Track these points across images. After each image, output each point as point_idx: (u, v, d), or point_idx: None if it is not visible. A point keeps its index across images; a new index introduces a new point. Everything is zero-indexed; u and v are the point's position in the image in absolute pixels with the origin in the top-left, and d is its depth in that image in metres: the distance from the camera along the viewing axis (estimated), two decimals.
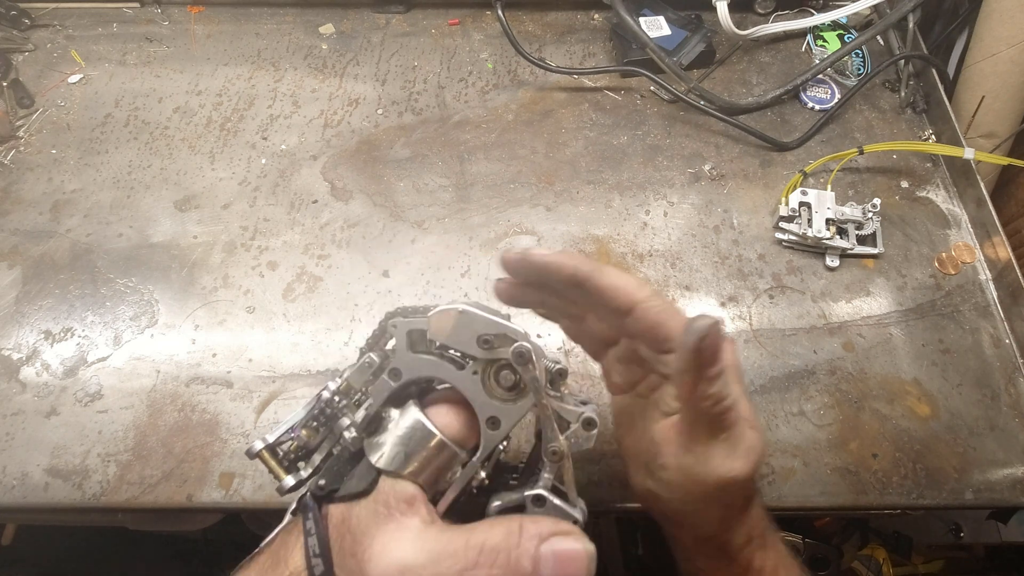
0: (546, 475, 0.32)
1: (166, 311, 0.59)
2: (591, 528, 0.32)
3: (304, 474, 0.34)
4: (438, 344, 0.33)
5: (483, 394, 0.32)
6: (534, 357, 0.31)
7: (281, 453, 0.35)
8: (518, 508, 0.32)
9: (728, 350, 0.34)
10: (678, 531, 0.38)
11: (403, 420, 0.32)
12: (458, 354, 0.33)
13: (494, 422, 0.31)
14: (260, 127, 0.71)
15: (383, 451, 0.31)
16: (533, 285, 0.39)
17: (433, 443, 0.31)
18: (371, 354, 0.34)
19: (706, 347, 0.30)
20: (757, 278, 0.61)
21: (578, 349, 0.57)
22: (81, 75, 0.75)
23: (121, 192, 0.66)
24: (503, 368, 0.31)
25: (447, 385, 0.33)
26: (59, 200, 0.66)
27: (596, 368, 0.56)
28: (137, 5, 0.80)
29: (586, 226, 0.64)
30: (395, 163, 0.68)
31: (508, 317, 0.33)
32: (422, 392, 0.35)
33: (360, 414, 0.33)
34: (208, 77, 0.75)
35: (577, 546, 0.28)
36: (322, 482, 0.32)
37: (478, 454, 0.32)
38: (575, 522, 0.31)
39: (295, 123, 0.71)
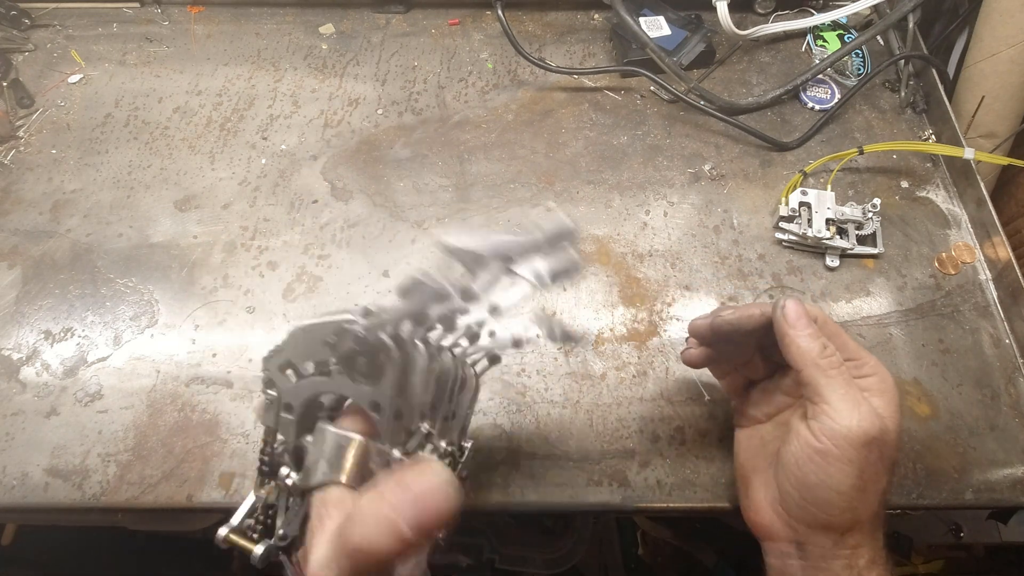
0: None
1: (166, 311, 0.59)
2: (591, 528, 0.32)
3: (281, 531, 0.35)
4: (314, 361, 0.34)
5: (353, 386, 0.33)
6: (364, 334, 0.32)
7: (252, 524, 0.35)
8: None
9: (818, 322, 0.40)
10: (806, 532, 0.39)
11: (317, 439, 0.33)
12: (331, 367, 0.34)
13: (375, 406, 0.32)
14: (260, 127, 0.71)
15: (312, 473, 0.32)
16: (719, 342, 0.46)
17: (345, 444, 0.32)
18: (267, 391, 0.35)
19: (787, 312, 0.39)
20: (757, 278, 0.61)
21: (579, 349, 0.57)
22: (81, 75, 0.75)
23: (121, 192, 0.66)
24: (354, 357, 0.32)
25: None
26: (59, 200, 0.66)
27: (597, 368, 0.56)
28: (137, 5, 0.81)
29: (586, 226, 0.64)
30: (395, 163, 0.68)
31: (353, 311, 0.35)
32: (333, 410, 0.36)
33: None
34: (208, 77, 0.75)
35: (428, 474, 0.29)
36: (281, 532, 0.34)
37: (381, 439, 0.33)
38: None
39: (295, 123, 0.71)
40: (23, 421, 0.54)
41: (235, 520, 0.35)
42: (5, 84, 0.72)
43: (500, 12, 0.71)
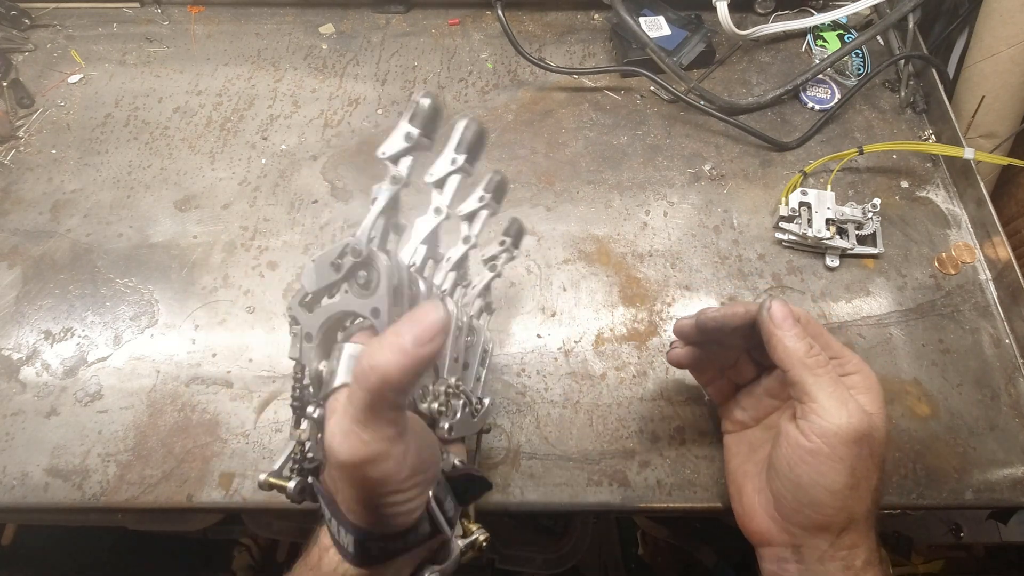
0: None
1: (166, 311, 0.59)
2: (591, 528, 0.32)
3: (311, 455, 0.37)
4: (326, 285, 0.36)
5: (357, 300, 0.34)
6: (362, 242, 0.35)
7: (291, 467, 0.37)
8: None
9: (802, 322, 0.41)
10: (802, 535, 0.39)
11: (333, 358, 0.34)
12: (339, 288, 0.36)
13: (376, 312, 0.34)
14: (260, 127, 0.71)
15: (328, 384, 0.33)
16: (703, 342, 0.47)
17: (353, 351, 0.33)
18: (292, 328, 0.37)
19: (774, 312, 0.40)
20: (757, 278, 0.61)
21: (579, 349, 0.57)
22: (81, 75, 0.75)
23: (121, 192, 0.66)
24: (356, 270, 0.34)
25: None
26: (59, 200, 0.66)
27: (597, 368, 0.56)
28: (137, 5, 0.81)
29: (586, 226, 0.64)
30: None
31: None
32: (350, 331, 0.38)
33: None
34: (208, 77, 0.75)
35: (414, 310, 0.30)
36: (310, 455, 0.35)
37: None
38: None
39: (295, 123, 0.71)
40: (23, 421, 0.54)
41: (275, 465, 0.37)
42: (5, 84, 0.72)
43: (500, 12, 0.71)
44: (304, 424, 0.37)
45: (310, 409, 0.35)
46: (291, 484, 0.36)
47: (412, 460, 0.31)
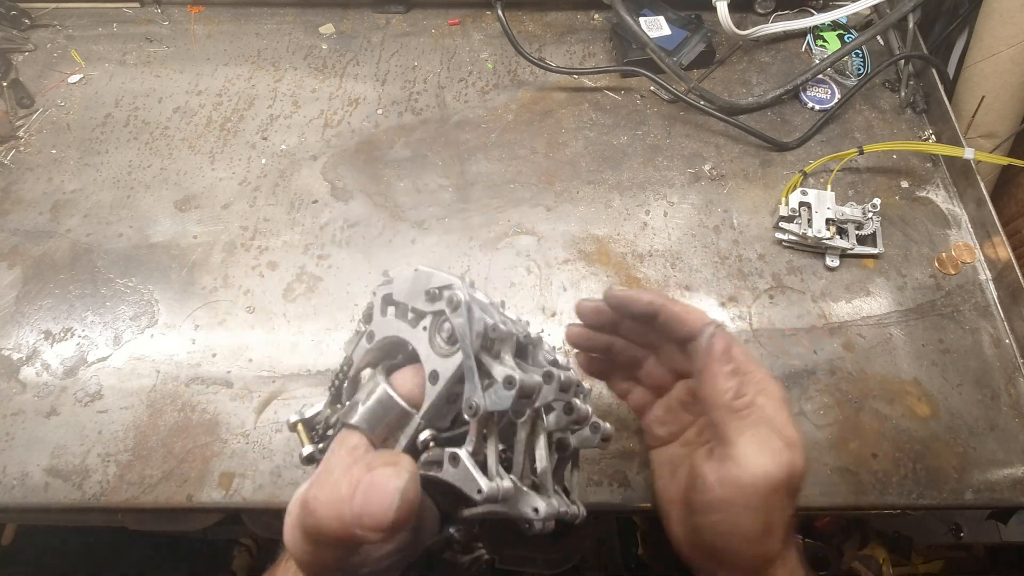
0: (472, 436, 0.31)
1: (166, 311, 0.59)
2: (590, 525, 0.32)
3: (322, 446, 0.35)
4: (411, 305, 0.34)
5: (428, 347, 0.31)
6: (463, 303, 0.30)
7: (315, 427, 0.36)
8: (439, 464, 0.31)
9: (740, 354, 0.37)
10: (724, 572, 0.37)
11: (369, 383, 0.32)
12: (422, 319, 0.33)
13: (434, 376, 0.30)
14: (260, 127, 0.71)
15: (350, 411, 0.32)
16: (605, 328, 0.44)
17: (384, 398, 0.31)
18: (360, 324, 0.35)
19: (714, 343, 0.36)
20: (757, 278, 0.61)
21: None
22: (81, 75, 0.75)
23: (121, 192, 0.66)
24: (445, 319, 0.31)
25: None
26: (59, 200, 0.66)
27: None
28: (137, 5, 0.81)
29: (586, 226, 0.64)
30: (395, 163, 0.68)
31: (503, 305, 0.34)
32: (407, 361, 0.35)
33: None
34: (208, 77, 0.75)
35: (387, 477, 0.27)
36: (321, 446, 0.34)
37: (421, 409, 0.31)
38: (478, 492, 0.29)
39: (295, 123, 0.71)
40: (23, 421, 0.54)
41: (308, 413, 0.35)
42: (5, 84, 0.72)
43: (500, 12, 0.71)
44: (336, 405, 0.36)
45: (319, 447, 0.34)
46: (305, 450, 0.34)
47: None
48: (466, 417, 0.30)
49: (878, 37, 0.76)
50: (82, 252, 0.62)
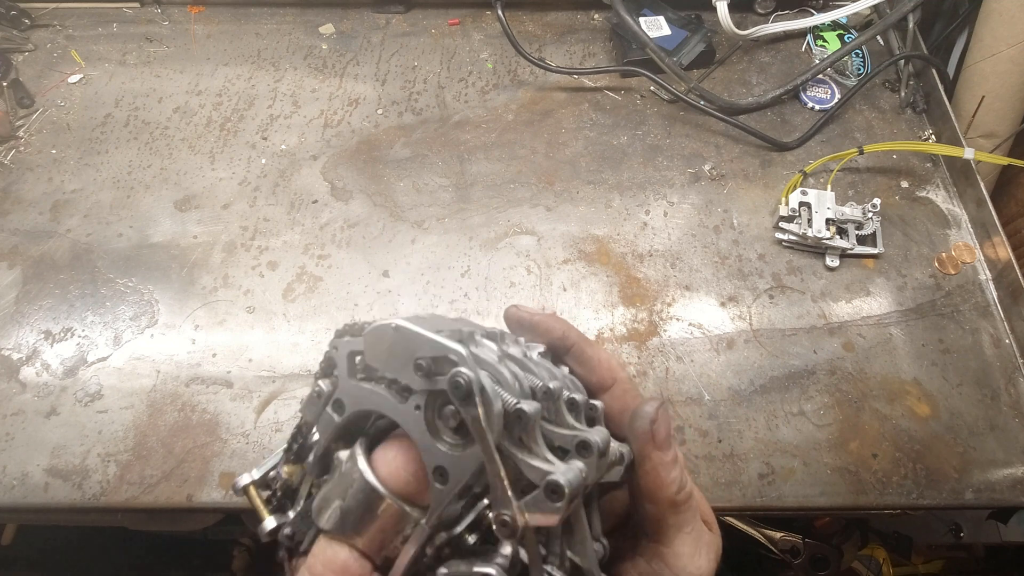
0: (504, 550, 0.25)
1: (166, 311, 0.59)
2: None
3: (290, 515, 0.29)
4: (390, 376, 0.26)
5: (428, 436, 0.24)
6: (476, 388, 0.23)
7: (273, 488, 0.30)
8: None
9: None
10: None
11: (345, 466, 0.26)
12: (410, 395, 0.26)
13: (441, 474, 0.24)
14: (260, 127, 0.71)
15: (324, 504, 0.26)
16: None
17: (372, 499, 0.25)
18: (319, 382, 0.28)
19: (659, 428, 0.29)
20: (757, 278, 0.61)
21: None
22: (81, 75, 0.75)
23: (121, 192, 0.66)
24: (448, 403, 0.24)
25: None
26: (59, 200, 0.66)
27: None
28: (137, 5, 0.81)
29: (586, 226, 0.64)
30: (395, 163, 0.68)
31: (467, 335, 0.27)
32: (386, 427, 0.28)
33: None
34: (208, 77, 0.75)
35: None
36: (287, 531, 0.28)
37: (428, 515, 0.25)
38: None
39: (295, 123, 0.71)
40: (23, 421, 0.54)
41: (256, 474, 0.30)
42: (5, 84, 0.72)
43: (500, 12, 0.71)
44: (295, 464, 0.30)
45: (286, 520, 0.28)
46: (268, 523, 0.29)
47: None
48: (497, 535, 0.24)
49: (878, 37, 0.76)
50: (82, 252, 0.62)
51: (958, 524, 0.84)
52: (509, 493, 0.24)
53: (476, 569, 0.24)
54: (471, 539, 0.26)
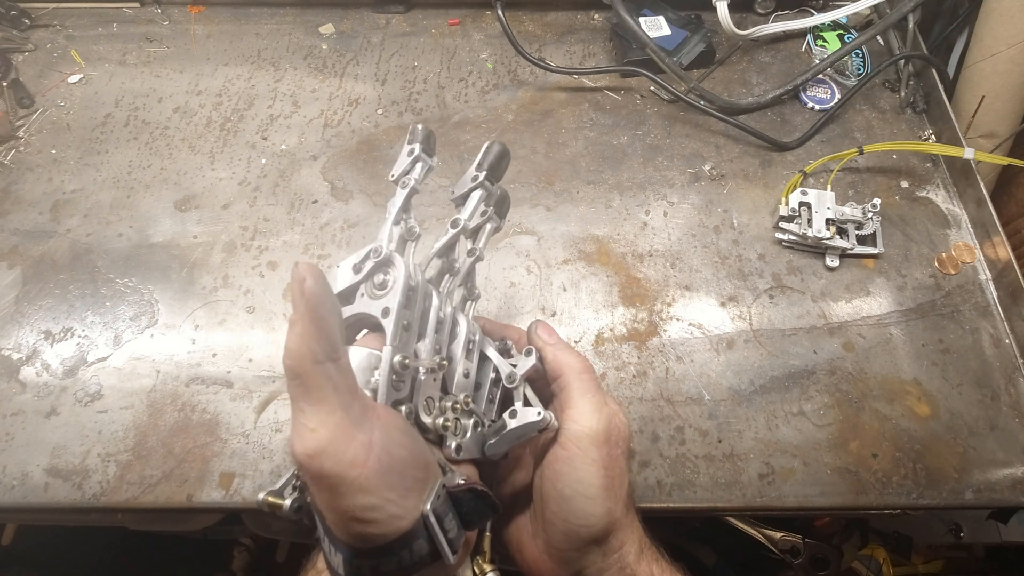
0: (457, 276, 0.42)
1: (166, 311, 0.59)
2: None
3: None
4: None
5: (371, 303, 0.35)
6: (385, 251, 0.36)
7: (293, 486, 0.35)
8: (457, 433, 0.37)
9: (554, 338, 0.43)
10: (577, 559, 0.38)
11: None
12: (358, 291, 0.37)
13: (385, 311, 0.34)
14: (260, 127, 0.71)
15: None
16: None
17: (354, 354, 0.33)
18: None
19: (543, 327, 0.43)
20: (757, 278, 0.61)
21: (579, 349, 0.57)
22: (81, 75, 0.75)
23: (121, 192, 0.66)
24: (375, 273, 0.36)
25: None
26: (59, 200, 0.66)
27: (597, 368, 0.56)
28: (137, 5, 0.81)
29: (586, 226, 0.64)
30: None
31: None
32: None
33: None
34: (208, 77, 0.75)
35: (309, 423, 0.29)
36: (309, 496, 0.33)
37: (387, 339, 0.34)
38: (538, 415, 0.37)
39: (295, 123, 0.71)
40: (23, 421, 0.54)
41: (277, 485, 0.34)
42: (5, 84, 0.72)
43: (500, 12, 0.71)
44: None
45: (292, 499, 0.33)
46: (287, 502, 0.33)
47: (379, 455, 0.28)
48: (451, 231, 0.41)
49: (878, 37, 0.76)
50: (82, 252, 0.62)
51: (958, 524, 0.84)
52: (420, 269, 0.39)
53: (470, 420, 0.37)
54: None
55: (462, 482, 0.34)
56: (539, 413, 0.37)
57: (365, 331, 0.37)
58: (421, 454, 0.32)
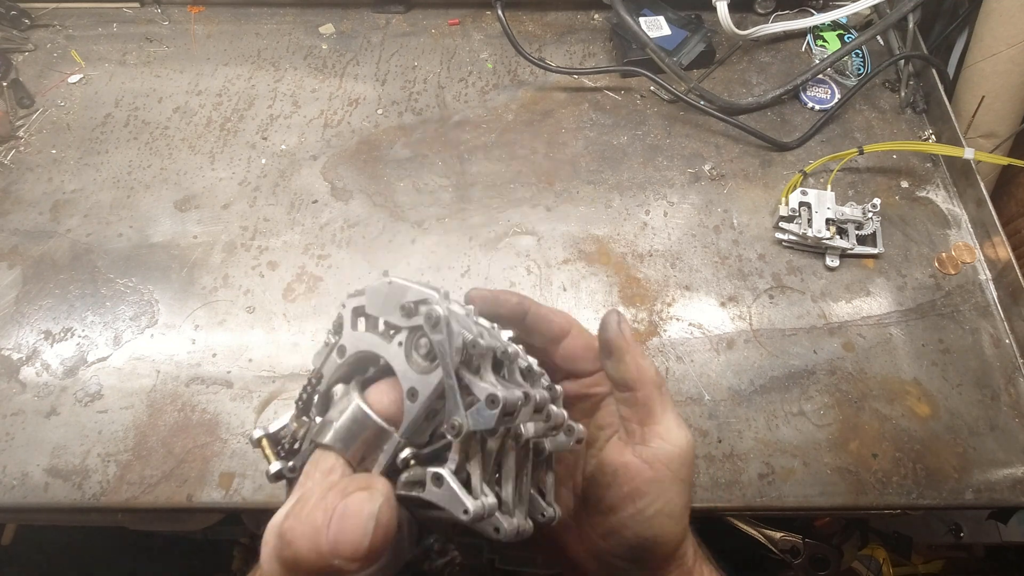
0: (455, 455, 0.30)
1: (166, 311, 0.59)
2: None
3: (291, 463, 0.34)
4: (384, 319, 0.32)
5: (404, 362, 0.30)
6: (442, 319, 0.29)
7: (283, 441, 0.35)
8: (421, 484, 0.30)
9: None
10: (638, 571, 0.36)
11: (342, 400, 0.31)
12: (396, 333, 0.32)
13: (412, 393, 0.30)
14: (260, 127, 0.71)
15: (323, 426, 0.31)
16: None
17: (359, 415, 0.30)
18: (330, 335, 0.34)
19: (624, 328, 0.36)
20: (757, 278, 0.61)
21: None
22: (81, 75, 0.75)
23: (121, 192, 0.66)
24: (422, 335, 0.30)
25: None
26: (59, 200, 0.66)
27: None
28: (137, 5, 0.81)
29: (586, 226, 0.64)
30: (395, 163, 0.68)
31: (445, 293, 0.32)
32: (379, 375, 0.34)
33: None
34: (208, 77, 0.75)
35: (361, 503, 0.26)
36: (291, 464, 0.33)
37: (400, 427, 0.31)
38: (464, 512, 0.28)
39: (295, 123, 0.71)
40: (23, 421, 0.54)
41: (272, 427, 0.34)
42: (5, 84, 0.72)
43: (500, 12, 0.71)
44: (303, 418, 0.35)
45: (313, 414, 0.33)
46: (273, 466, 0.33)
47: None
48: (448, 437, 0.29)
49: (878, 37, 0.76)
50: (82, 252, 0.62)
51: (958, 524, 0.84)
52: (459, 400, 0.29)
53: (431, 470, 0.29)
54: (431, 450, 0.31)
55: None
56: (466, 511, 0.29)
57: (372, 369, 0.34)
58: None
